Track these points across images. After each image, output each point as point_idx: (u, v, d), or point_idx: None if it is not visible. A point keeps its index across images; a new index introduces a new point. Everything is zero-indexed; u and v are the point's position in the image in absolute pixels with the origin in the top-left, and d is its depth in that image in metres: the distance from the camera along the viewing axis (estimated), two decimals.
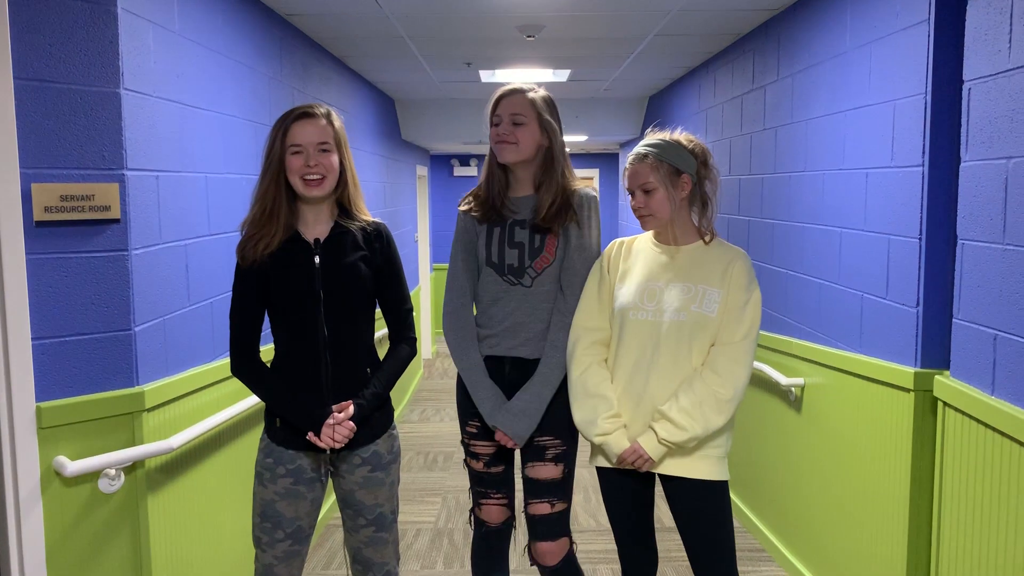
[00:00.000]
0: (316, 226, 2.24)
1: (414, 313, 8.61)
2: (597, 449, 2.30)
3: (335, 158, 2.20)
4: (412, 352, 2.38)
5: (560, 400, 2.34)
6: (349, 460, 2.26)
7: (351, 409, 2.20)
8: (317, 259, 2.20)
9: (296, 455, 2.24)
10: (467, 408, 2.44)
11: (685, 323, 2.19)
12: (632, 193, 2.28)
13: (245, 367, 2.25)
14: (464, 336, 2.41)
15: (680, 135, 2.28)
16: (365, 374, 2.26)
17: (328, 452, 2.23)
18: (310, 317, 2.19)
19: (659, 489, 2.35)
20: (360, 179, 2.36)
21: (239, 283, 2.24)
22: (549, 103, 2.37)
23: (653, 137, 2.28)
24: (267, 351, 2.32)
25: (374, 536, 2.31)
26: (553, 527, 2.37)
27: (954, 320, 2.42)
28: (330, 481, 2.35)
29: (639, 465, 2.20)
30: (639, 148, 2.27)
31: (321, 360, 2.20)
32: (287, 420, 2.21)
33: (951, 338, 2.45)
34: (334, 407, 2.19)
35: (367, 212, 2.33)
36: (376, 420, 2.27)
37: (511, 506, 2.49)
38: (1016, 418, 2.09)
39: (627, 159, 2.30)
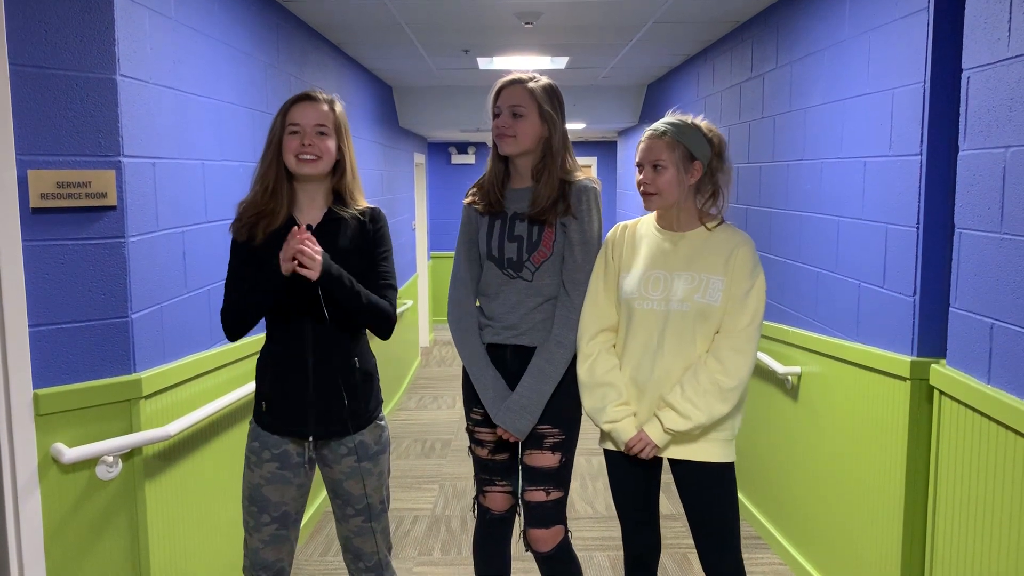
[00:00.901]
0: (310, 211, 2.24)
1: (412, 302, 8.47)
2: (606, 433, 2.31)
3: (332, 143, 2.20)
4: (388, 310, 2.23)
5: (561, 389, 2.34)
6: (335, 450, 2.26)
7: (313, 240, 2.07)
8: None
9: (281, 440, 2.24)
10: (472, 395, 2.44)
11: (689, 313, 2.19)
12: (641, 167, 2.26)
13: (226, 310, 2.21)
14: (465, 326, 2.41)
15: (701, 121, 2.26)
16: (353, 363, 2.24)
17: (310, 439, 2.24)
18: (299, 301, 2.18)
19: (664, 477, 2.36)
20: (358, 166, 2.35)
21: (235, 258, 2.25)
22: (550, 92, 2.34)
23: (674, 117, 2.26)
24: (259, 340, 2.32)
25: (363, 526, 2.31)
26: (548, 515, 2.38)
27: (951, 309, 2.42)
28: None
29: (645, 453, 2.22)
30: (658, 124, 2.25)
31: (308, 345, 2.20)
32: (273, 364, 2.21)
33: (948, 327, 2.46)
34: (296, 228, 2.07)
35: (363, 201, 2.31)
36: (360, 410, 2.26)
37: (515, 494, 2.50)
38: (1012, 407, 2.10)
39: (644, 132, 2.28)
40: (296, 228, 2.06)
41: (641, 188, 2.26)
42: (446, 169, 11.04)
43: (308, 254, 2.04)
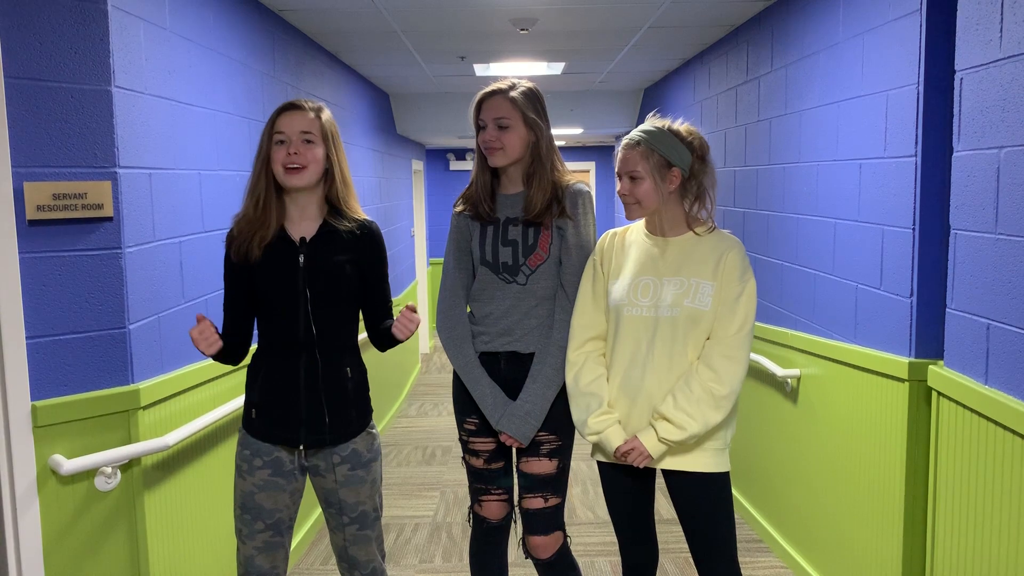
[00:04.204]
0: (302, 223, 2.23)
1: None
2: (596, 445, 2.30)
3: (319, 151, 2.18)
4: None
5: (557, 395, 2.34)
6: (327, 459, 2.25)
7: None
8: (301, 258, 2.19)
9: (273, 447, 2.24)
10: (465, 405, 2.43)
11: (679, 319, 2.17)
12: (620, 178, 2.26)
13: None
14: (458, 334, 2.40)
15: (681, 125, 2.23)
16: (345, 374, 2.25)
17: (300, 447, 2.24)
18: (292, 315, 2.18)
19: (659, 482, 2.36)
20: (355, 174, 2.36)
21: (229, 278, 2.26)
22: (532, 98, 2.32)
23: (651, 124, 2.24)
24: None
25: (358, 534, 2.31)
26: (546, 521, 2.38)
27: (947, 310, 2.42)
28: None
29: (637, 462, 2.20)
30: (633, 133, 2.23)
31: (300, 358, 2.20)
32: (261, 405, 2.24)
33: (945, 328, 2.46)
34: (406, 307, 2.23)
35: (359, 211, 2.29)
36: (353, 419, 2.26)
37: (510, 501, 2.49)
38: (1009, 407, 2.10)
39: (620, 142, 2.27)
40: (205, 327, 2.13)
41: (622, 199, 2.26)
42: (445, 175, 11.05)
43: (412, 330, 2.24)
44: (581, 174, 10.93)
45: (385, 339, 2.33)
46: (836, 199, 3.15)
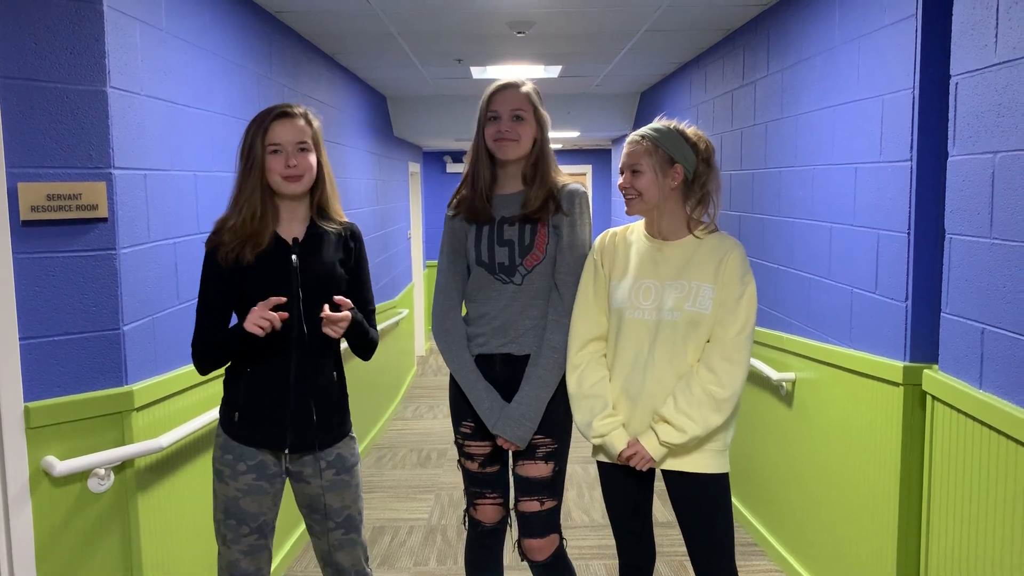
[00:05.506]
0: (291, 224, 2.24)
1: (407, 311, 8.45)
2: (598, 446, 2.30)
3: (313, 157, 2.21)
4: (377, 340, 2.39)
5: (553, 398, 2.33)
6: (312, 464, 2.26)
7: (349, 303, 2.18)
8: (294, 258, 2.20)
9: (257, 451, 2.24)
10: (461, 409, 2.43)
11: (680, 322, 2.18)
12: (623, 172, 2.29)
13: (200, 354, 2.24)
14: (453, 338, 2.40)
15: (688, 128, 2.27)
16: (331, 376, 2.27)
17: (286, 451, 2.24)
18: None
19: (657, 484, 2.36)
20: (351, 176, 2.37)
21: (213, 283, 2.22)
22: (539, 95, 2.38)
23: (659, 123, 2.28)
24: None
25: (344, 539, 2.31)
26: (542, 524, 2.38)
27: (942, 314, 2.43)
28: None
29: (640, 465, 2.20)
30: (641, 130, 2.27)
31: (291, 358, 2.20)
32: (247, 400, 2.22)
33: (939, 332, 2.46)
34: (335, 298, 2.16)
35: (342, 214, 2.34)
36: (335, 425, 2.28)
37: (506, 505, 2.49)
38: (1004, 412, 2.10)
39: (624, 141, 2.30)
40: (276, 312, 2.09)
41: (623, 192, 2.28)
42: (441, 178, 11.05)
43: (338, 324, 2.14)
44: (578, 177, 10.93)
45: (355, 346, 2.32)
46: (832, 203, 3.16)
